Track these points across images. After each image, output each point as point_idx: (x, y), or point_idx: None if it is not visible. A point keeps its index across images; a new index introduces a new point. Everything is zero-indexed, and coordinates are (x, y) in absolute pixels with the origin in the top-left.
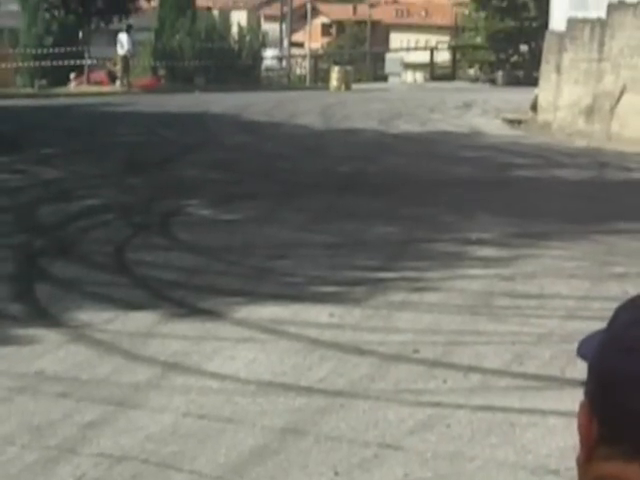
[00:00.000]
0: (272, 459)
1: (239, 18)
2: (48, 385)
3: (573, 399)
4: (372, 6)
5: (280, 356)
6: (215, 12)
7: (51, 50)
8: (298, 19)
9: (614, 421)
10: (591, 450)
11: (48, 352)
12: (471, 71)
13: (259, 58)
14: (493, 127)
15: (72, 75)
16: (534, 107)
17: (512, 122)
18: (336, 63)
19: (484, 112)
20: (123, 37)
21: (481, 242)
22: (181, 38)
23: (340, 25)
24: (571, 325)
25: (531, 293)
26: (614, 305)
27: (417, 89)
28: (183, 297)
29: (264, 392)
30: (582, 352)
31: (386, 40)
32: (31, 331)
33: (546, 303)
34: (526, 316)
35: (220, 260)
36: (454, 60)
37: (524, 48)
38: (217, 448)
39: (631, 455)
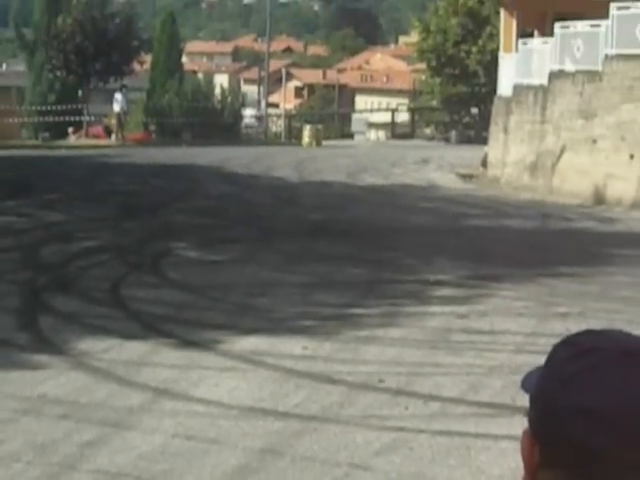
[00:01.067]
0: (253, 477)
1: (221, 81)
2: (50, 407)
3: (523, 425)
4: (340, 72)
5: (259, 384)
6: (200, 75)
7: (54, 107)
8: (274, 82)
9: (553, 447)
10: (533, 473)
11: (50, 377)
12: (428, 130)
13: (239, 116)
14: (448, 181)
15: (70, 129)
16: (484, 163)
17: (465, 177)
18: (308, 122)
19: (440, 167)
20: (118, 96)
21: (438, 283)
22: (170, 98)
23: (311, 88)
24: (520, 358)
25: (484, 329)
26: (558, 341)
27: (380, 146)
28: (172, 329)
29: (245, 416)
30: (525, 385)
31: (352, 102)
32: (35, 358)
33: (497, 338)
34: (479, 350)
35: (206, 297)
36: (413, 120)
37: (475, 111)
38: (203, 467)
39: (568, 476)
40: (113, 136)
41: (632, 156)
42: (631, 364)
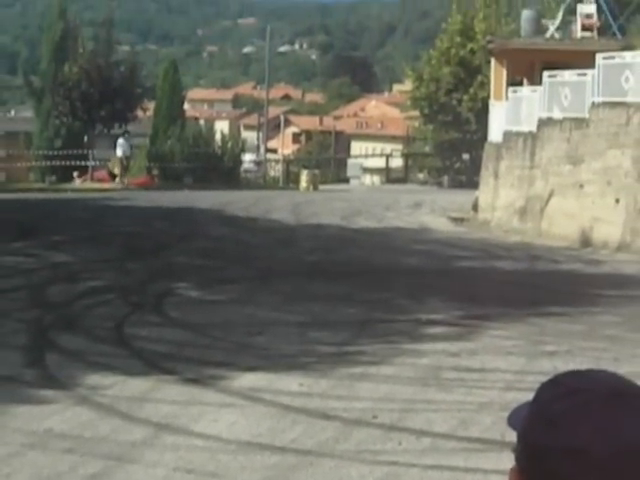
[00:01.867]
0: None
1: (222, 127)
2: (56, 442)
3: (511, 461)
4: (336, 118)
5: (257, 420)
6: (201, 121)
7: (60, 152)
8: (272, 128)
9: None
10: None
11: (56, 412)
12: (421, 175)
13: (239, 161)
14: (440, 224)
15: (76, 173)
16: (475, 207)
17: (456, 220)
18: (305, 167)
19: (432, 211)
20: (121, 141)
21: (430, 322)
22: (172, 143)
23: (308, 134)
24: (509, 395)
25: (474, 367)
26: (547, 378)
27: (374, 190)
28: (174, 367)
29: (243, 451)
30: (512, 422)
31: (348, 147)
32: (41, 394)
33: (487, 376)
34: (470, 387)
35: (206, 335)
36: (406, 165)
37: (466, 156)
38: None
39: None
40: (117, 180)
41: (618, 200)
42: (617, 405)
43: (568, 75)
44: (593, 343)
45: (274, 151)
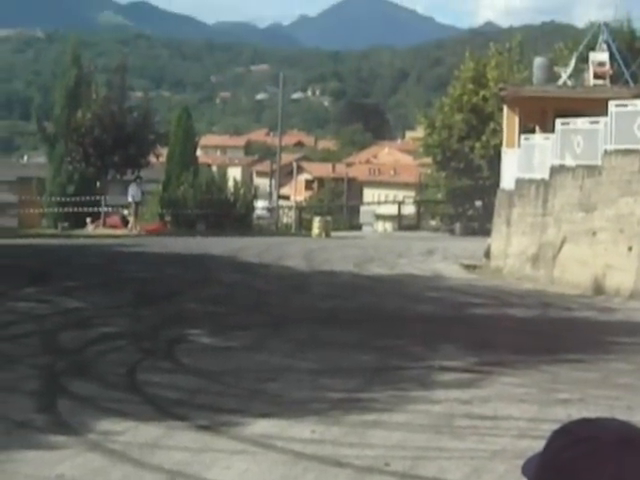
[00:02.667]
0: None
1: (234, 173)
2: None
3: None
4: (348, 165)
5: (269, 467)
6: (214, 168)
7: (73, 198)
8: (285, 175)
9: None
10: None
11: (68, 458)
12: (433, 222)
13: (251, 208)
14: (452, 271)
15: (89, 220)
16: (487, 254)
17: (468, 267)
18: (317, 214)
19: (444, 258)
20: (133, 187)
21: (443, 369)
22: (185, 189)
23: (321, 181)
24: (522, 443)
25: (486, 415)
26: (556, 428)
27: (387, 237)
28: (186, 413)
29: None
30: (525, 471)
31: (360, 194)
32: (53, 439)
33: (500, 424)
34: (482, 435)
35: (218, 382)
36: (418, 212)
37: (479, 203)
38: None
39: None
40: (129, 226)
41: (630, 248)
42: (626, 453)
43: (580, 123)
44: (606, 391)
45: (286, 198)
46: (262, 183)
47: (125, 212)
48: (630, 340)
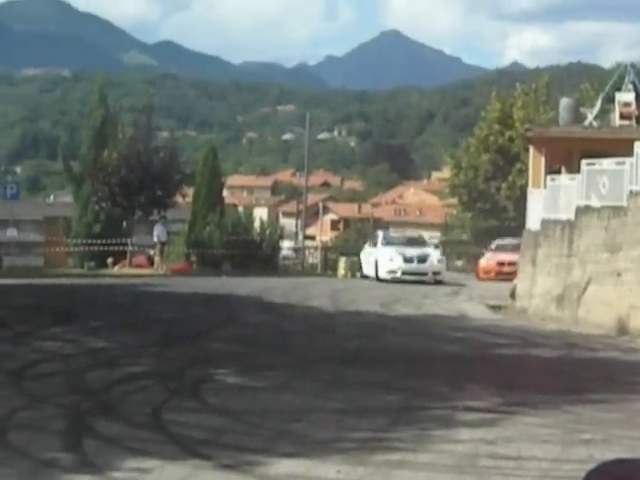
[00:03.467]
0: None
1: (261, 214)
2: None
3: None
4: (374, 206)
5: None
6: (240, 208)
7: (99, 240)
8: (311, 215)
9: None
10: None
11: None
12: (459, 263)
13: (277, 248)
14: (478, 311)
15: (110, 260)
16: (513, 295)
17: (494, 307)
18: (343, 254)
19: (470, 299)
20: (158, 227)
21: (468, 409)
22: (211, 230)
23: (347, 221)
24: None
25: (510, 455)
26: (583, 467)
27: None
28: (211, 453)
29: None
30: None
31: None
32: (79, 479)
33: (523, 464)
34: (506, 475)
35: (243, 422)
36: (444, 253)
37: None
38: None
39: None
40: (155, 265)
41: None
42: None
43: (606, 163)
44: (630, 432)
45: (312, 238)
46: (288, 223)
47: (151, 252)
48: None
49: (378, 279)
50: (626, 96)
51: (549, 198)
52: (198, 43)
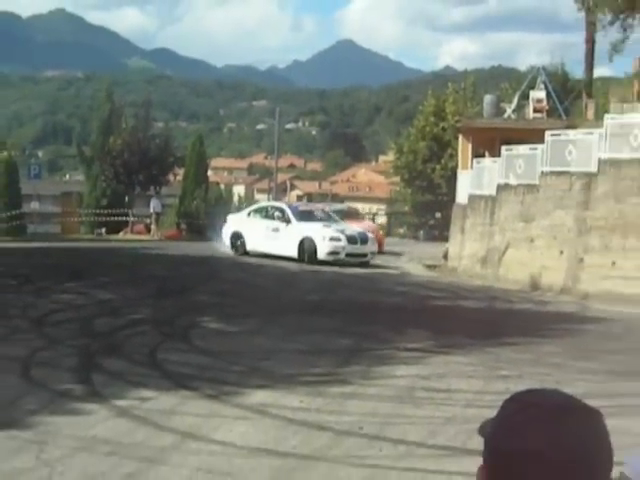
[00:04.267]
0: None
1: (239, 190)
2: (99, 446)
3: (471, 463)
4: (332, 183)
5: (265, 430)
6: (222, 186)
7: (106, 210)
8: (280, 191)
9: (500, 479)
10: None
11: (100, 422)
12: (401, 230)
13: None
14: (417, 270)
15: (122, 232)
16: (445, 256)
17: (430, 267)
18: None
19: (410, 259)
20: (154, 200)
21: (407, 350)
22: (198, 203)
23: (309, 196)
24: (470, 412)
25: (441, 388)
26: (500, 397)
27: None
28: (197, 386)
29: (253, 455)
30: (481, 432)
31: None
32: (88, 407)
33: (452, 396)
34: (438, 404)
35: (223, 360)
36: (389, 222)
37: (438, 215)
38: None
39: None
40: (152, 232)
41: (562, 252)
42: (562, 416)
43: (522, 149)
44: (539, 369)
45: None
46: (261, 198)
47: (148, 221)
48: (559, 327)
49: (308, 261)
50: (538, 94)
51: (475, 177)
52: (188, 50)
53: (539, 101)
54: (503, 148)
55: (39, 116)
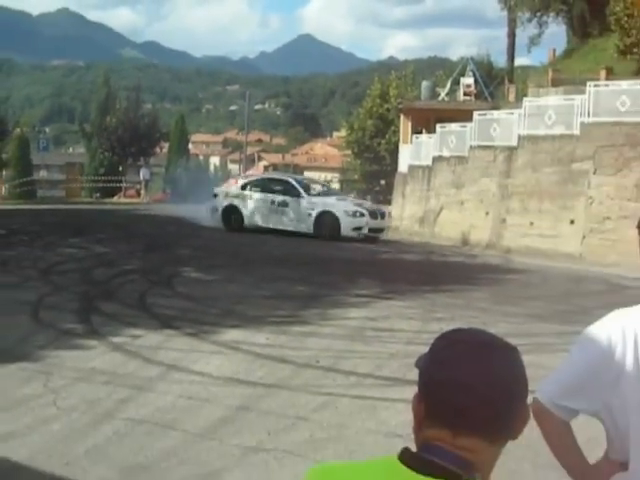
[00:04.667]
0: (231, 425)
1: (215, 161)
2: (97, 376)
3: (411, 392)
4: (293, 155)
5: (237, 363)
6: (201, 157)
7: (103, 177)
8: (250, 162)
9: (432, 405)
10: (420, 422)
11: (98, 356)
12: (352, 195)
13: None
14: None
15: (118, 196)
16: (389, 217)
17: None
18: None
19: None
20: (143, 169)
21: (357, 296)
22: (180, 171)
23: (275, 166)
24: (410, 348)
25: (386, 328)
26: (435, 336)
27: None
28: (180, 325)
29: (227, 384)
30: (417, 364)
31: (302, 175)
32: (88, 343)
33: (395, 334)
34: (383, 342)
35: (202, 304)
36: (341, 189)
37: (383, 182)
38: (199, 417)
39: (442, 425)
40: (142, 196)
41: (487, 213)
42: (485, 352)
43: (454, 126)
44: (469, 312)
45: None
46: (234, 168)
47: (138, 187)
48: (486, 277)
49: (330, 237)
50: (468, 80)
51: (414, 150)
52: (172, 42)
53: (468, 86)
54: (438, 126)
55: (47, 98)
